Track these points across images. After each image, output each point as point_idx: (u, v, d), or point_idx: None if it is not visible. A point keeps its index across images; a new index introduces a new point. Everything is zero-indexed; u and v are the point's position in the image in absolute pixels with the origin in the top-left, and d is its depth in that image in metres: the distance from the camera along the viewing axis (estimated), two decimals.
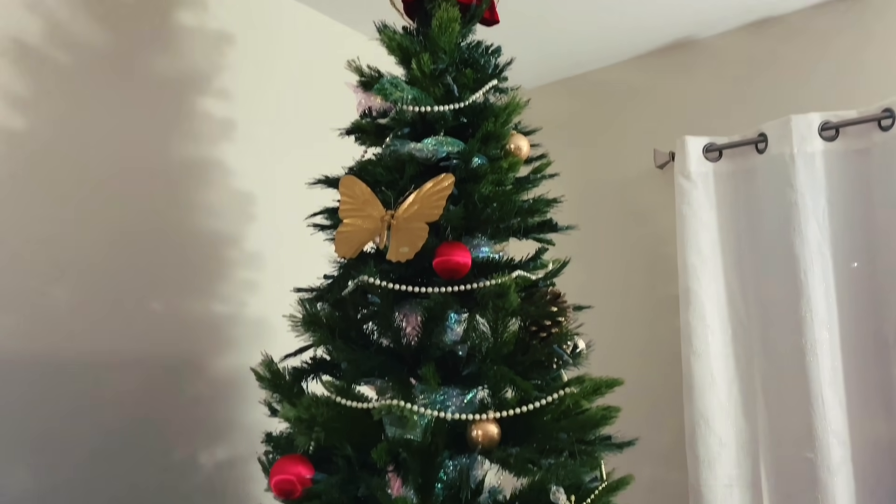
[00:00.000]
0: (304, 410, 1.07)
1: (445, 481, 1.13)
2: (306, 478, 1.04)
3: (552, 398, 1.11)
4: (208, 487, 1.59)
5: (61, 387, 1.40)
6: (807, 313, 1.79)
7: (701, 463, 1.85)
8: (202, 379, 1.61)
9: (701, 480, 1.85)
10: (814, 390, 1.75)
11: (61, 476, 1.38)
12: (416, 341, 1.18)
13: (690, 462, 1.88)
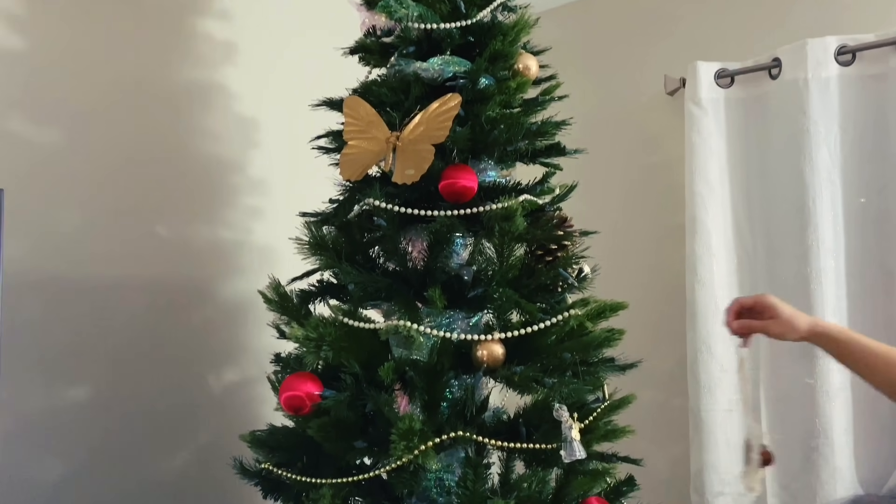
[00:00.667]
0: (313, 330, 1.08)
1: (451, 399, 1.16)
2: (315, 394, 1.07)
3: (557, 319, 1.12)
4: (218, 408, 1.63)
5: (71, 308, 1.42)
6: (813, 242, 1.79)
7: (702, 388, 1.88)
8: (210, 304, 1.63)
9: (701, 405, 1.89)
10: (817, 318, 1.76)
11: (72, 394, 1.42)
12: (421, 265, 1.19)
13: (691, 387, 1.91)
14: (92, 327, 1.45)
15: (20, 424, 1.33)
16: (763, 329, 1.11)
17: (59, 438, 1.39)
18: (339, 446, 1.10)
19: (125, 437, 1.48)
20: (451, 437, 1.04)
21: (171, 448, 1.56)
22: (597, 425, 1.15)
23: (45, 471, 1.37)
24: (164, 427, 1.54)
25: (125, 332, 1.49)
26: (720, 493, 1.86)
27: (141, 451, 1.50)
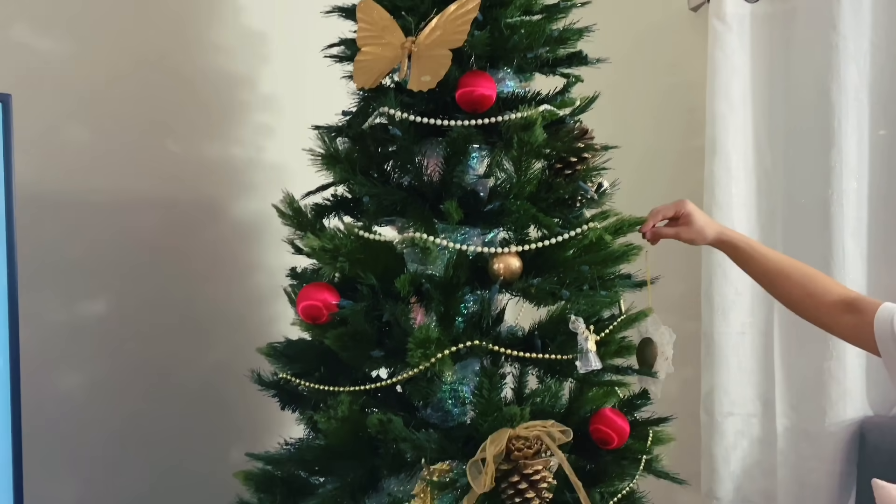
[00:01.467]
0: (328, 241, 1.07)
1: (466, 314, 1.16)
2: (332, 304, 1.06)
3: (576, 232, 1.10)
4: (234, 324, 1.65)
5: (85, 225, 1.42)
6: (836, 163, 1.74)
7: (715, 311, 1.88)
8: (223, 221, 1.62)
9: (714, 328, 1.89)
10: (836, 241, 1.74)
11: (89, 308, 1.44)
12: (437, 178, 1.16)
13: (705, 310, 1.91)
14: (107, 244, 1.45)
15: (41, 337, 1.35)
16: (675, 235, 1.21)
17: (79, 351, 1.42)
18: (356, 356, 1.11)
19: (142, 350, 1.51)
20: (467, 347, 1.04)
21: (189, 361, 1.59)
22: (612, 339, 1.15)
23: (67, 381, 1.40)
24: (181, 342, 1.56)
25: (140, 249, 1.49)
26: (730, 414, 1.88)
27: (158, 364, 1.53)
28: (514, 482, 0.99)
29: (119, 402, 1.47)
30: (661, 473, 1.22)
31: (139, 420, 1.49)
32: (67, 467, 1.41)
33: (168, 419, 1.54)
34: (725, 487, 1.88)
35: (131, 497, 1.48)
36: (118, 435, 1.47)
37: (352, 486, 1.09)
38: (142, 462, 1.50)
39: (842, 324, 1.09)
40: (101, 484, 1.45)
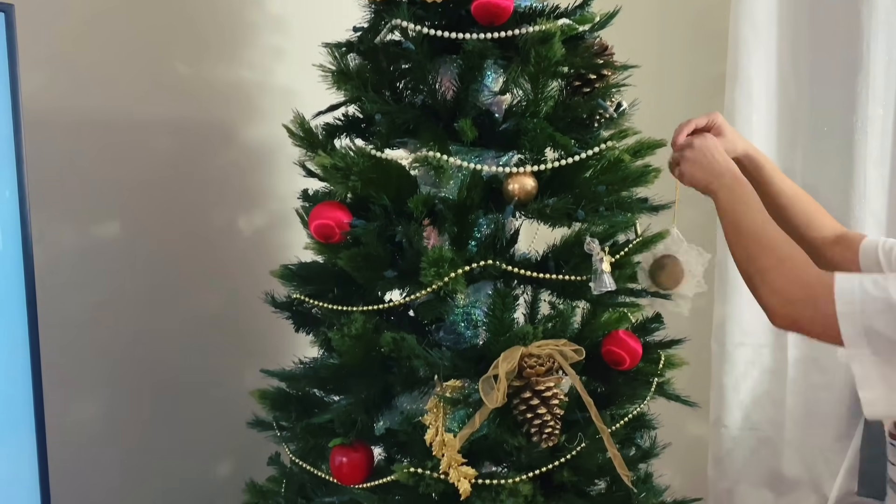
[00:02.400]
0: (340, 159, 1.05)
1: (480, 235, 1.15)
2: (345, 222, 1.06)
3: (593, 152, 1.08)
4: (246, 250, 1.66)
5: (94, 147, 1.40)
6: (863, 89, 1.69)
7: None
8: (234, 146, 1.61)
9: (728, 258, 1.85)
10: (857, 169, 1.70)
11: (100, 231, 1.44)
12: (451, 96, 1.13)
13: (720, 240, 1.89)
14: (117, 167, 1.44)
15: (52, 259, 1.35)
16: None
17: (87, 271, 1.42)
18: (369, 277, 1.10)
19: (151, 273, 1.51)
20: (480, 266, 1.03)
21: (200, 287, 1.60)
22: (627, 262, 1.14)
23: (78, 303, 1.41)
24: (191, 267, 1.57)
25: (150, 173, 1.48)
26: (741, 344, 1.88)
27: (168, 288, 1.54)
28: (525, 398, 1.00)
29: (130, 324, 1.48)
30: (671, 396, 1.23)
31: (150, 344, 1.52)
32: (84, 387, 1.44)
33: (180, 342, 1.56)
34: (734, 416, 1.90)
35: (144, 416, 1.52)
36: (129, 357, 1.49)
37: (365, 402, 1.11)
38: (155, 382, 1.53)
39: (831, 254, 1.09)
40: (114, 402, 1.48)
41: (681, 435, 1.78)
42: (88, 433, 1.44)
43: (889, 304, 0.81)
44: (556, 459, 1.06)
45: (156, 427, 1.54)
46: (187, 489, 1.59)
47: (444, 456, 1.02)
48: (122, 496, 1.48)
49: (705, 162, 1.05)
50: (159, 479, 1.55)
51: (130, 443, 1.49)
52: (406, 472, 1.01)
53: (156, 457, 1.54)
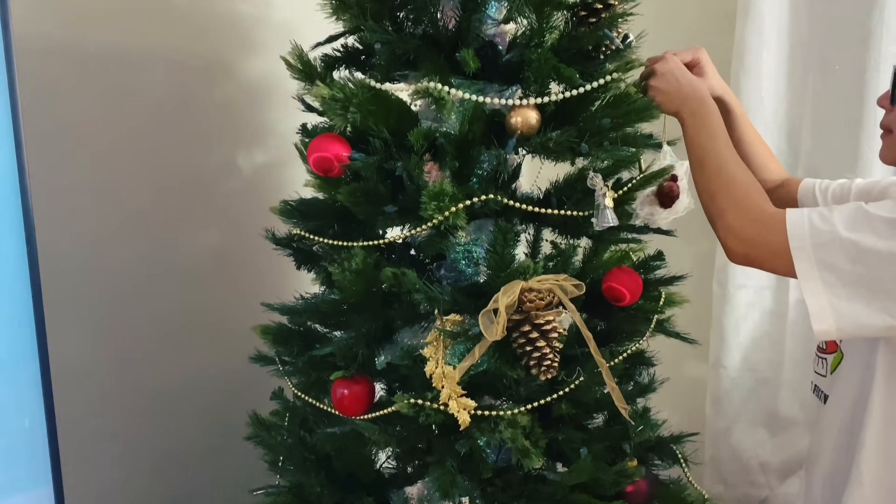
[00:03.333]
0: (339, 90, 1.03)
1: (482, 172, 1.13)
2: (344, 156, 1.04)
3: (598, 83, 1.05)
4: (246, 186, 1.64)
5: (90, 80, 1.38)
6: (878, 25, 1.65)
7: None
8: (232, 81, 1.58)
9: None
10: (868, 109, 1.67)
11: (99, 166, 1.42)
12: (453, 25, 1.10)
13: None
14: (112, 103, 1.42)
15: (52, 199, 1.34)
16: None
17: (80, 206, 1.41)
18: (370, 212, 1.09)
19: (151, 213, 1.51)
20: (481, 201, 1.02)
21: (197, 224, 1.59)
22: (630, 198, 1.12)
23: (77, 241, 1.41)
24: (188, 205, 1.56)
25: (146, 109, 1.46)
26: (743, 286, 1.89)
27: (168, 227, 1.54)
28: (525, 332, 1.00)
29: (129, 263, 1.49)
30: (671, 333, 1.24)
31: (151, 282, 1.52)
32: (85, 326, 1.45)
33: (180, 280, 1.57)
34: (733, 357, 1.92)
35: (145, 354, 1.53)
36: (129, 295, 1.50)
37: (366, 336, 1.11)
38: (156, 320, 1.54)
39: (775, 196, 1.15)
40: (115, 340, 1.49)
41: (679, 376, 1.80)
42: (90, 369, 1.45)
43: (835, 236, 0.86)
44: (554, 392, 1.07)
45: (158, 365, 1.56)
46: (189, 424, 1.62)
47: (443, 388, 1.03)
48: (124, 429, 1.51)
49: (670, 87, 1.05)
50: (161, 415, 1.57)
51: (132, 379, 1.51)
52: (406, 403, 1.03)
53: (158, 393, 1.56)
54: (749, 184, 0.98)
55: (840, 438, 1.00)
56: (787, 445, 1.89)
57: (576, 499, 1.07)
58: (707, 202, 1.01)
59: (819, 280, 0.87)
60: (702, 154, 1.02)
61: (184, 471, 1.62)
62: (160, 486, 1.57)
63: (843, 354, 1.03)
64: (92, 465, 1.44)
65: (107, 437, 1.48)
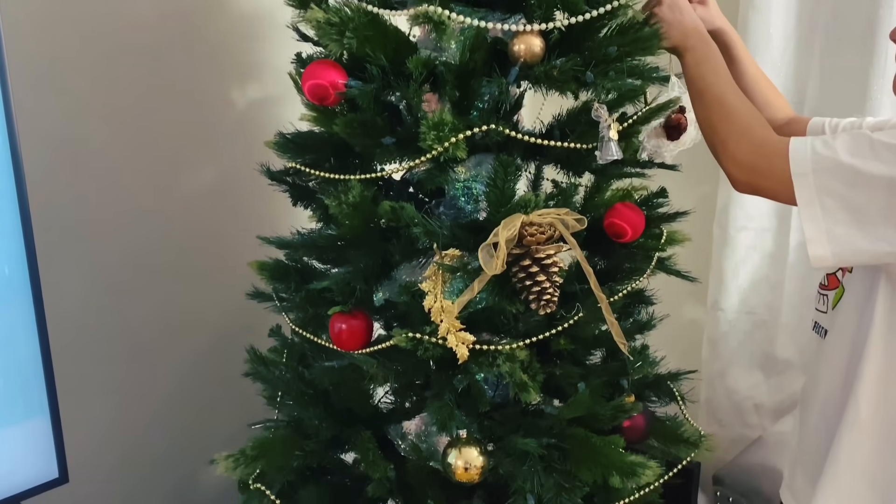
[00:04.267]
0: (334, 14, 0.99)
1: (482, 106, 1.10)
2: (339, 83, 1.01)
3: (604, 10, 1.01)
4: (240, 125, 1.61)
5: (77, 13, 1.33)
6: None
7: None
8: (224, 15, 1.53)
9: None
10: (878, 48, 1.63)
11: (89, 107, 1.39)
12: None
13: None
14: (102, 35, 1.37)
15: (43, 136, 1.31)
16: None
17: (72, 137, 1.38)
18: (366, 143, 1.07)
19: (146, 147, 1.47)
20: (482, 131, 0.99)
21: (195, 159, 1.56)
22: (636, 131, 1.10)
23: (65, 170, 1.38)
24: (186, 140, 1.53)
25: (137, 42, 1.41)
26: (743, 228, 1.87)
27: (164, 161, 1.51)
28: (525, 266, 0.98)
29: (123, 202, 1.46)
30: (672, 271, 1.22)
31: (146, 220, 1.50)
32: (82, 265, 1.43)
33: (176, 219, 1.55)
34: (731, 300, 1.91)
35: (142, 292, 1.53)
36: (125, 234, 1.48)
37: (364, 271, 1.10)
38: (152, 258, 1.53)
39: (783, 134, 1.11)
40: (109, 267, 1.48)
41: (676, 319, 1.80)
42: (87, 307, 1.45)
43: (837, 162, 0.85)
44: (553, 328, 1.07)
45: (154, 306, 1.55)
46: (188, 361, 1.63)
47: (442, 322, 1.02)
48: (121, 364, 1.51)
49: (673, 18, 1.03)
50: (159, 353, 1.58)
51: (127, 315, 1.51)
52: (405, 337, 1.02)
53: (155, 332, 1.56)
54: (750, 114, 0.97)
55: (838, 372, 1.00)
56: (782, 387, 1.90)
57: (573, 433, 1.08)
58: (709, 134, 1.00)
59: (818, 206, 0.86)
60: (702, 87, 1.01)
61: (181, 408, 1.63)
62: (159, 421, 1.59)
63: (844, 289, 1.02)
64: (89, 399, 1.45)
65: (103, 374, 1.49)
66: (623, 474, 1.02)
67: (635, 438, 1.14)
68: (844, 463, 0.98)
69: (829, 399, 1.03)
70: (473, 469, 1.08)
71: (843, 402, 0.98)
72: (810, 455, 1.07)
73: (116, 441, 1.51)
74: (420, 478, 1.14)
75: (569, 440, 1.07)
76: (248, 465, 1.09)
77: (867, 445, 0.96)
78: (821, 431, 1.05)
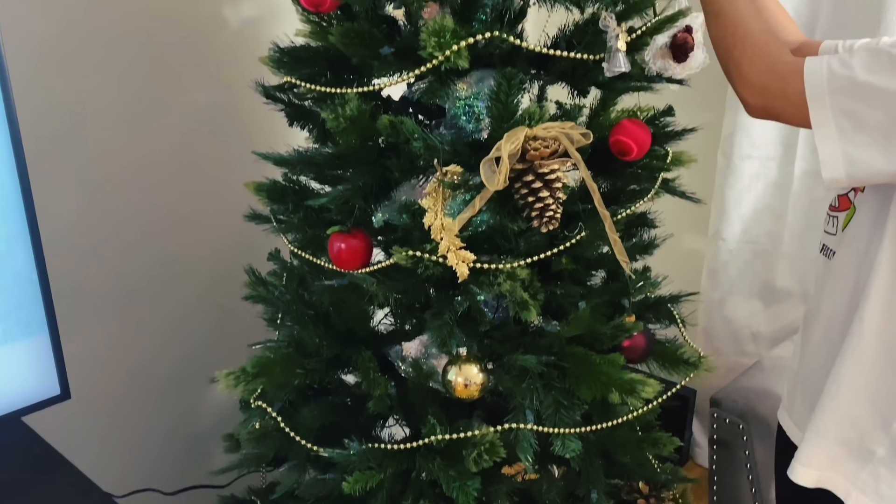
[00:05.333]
0: None
1: (485, 18, 1.06)
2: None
3: None
4: (232, 45, 1.56)
5: None
6: None
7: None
8: None
9: None
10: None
11: (74, 19, 1.33)
12: None
13: None
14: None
15: (31, 54, 1.26)
16: None
17: (69, 68, 1.34)
18: (364, 54, 1.03)
19: (140, 67, 1.43)
20: (486, 38, 0.95)
21: (190, 80, 1.52)
22: (644, 42, 1.06)
23: (62, 98, 1.34)
24: (178, 58, 1.49)
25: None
26: (748, 157, 1.85)
27: (157, 82, 1.47)
28: (528, 181, 0.96)
29: (117, 112, 1.43)
30: (677, 192, 1.20)
31: (138, 136, 1.47)
32: (76, 181, 1.41)
33: (170, 135, 1.51)
34: (732, 229, 1.90)
35: (136, 203, 1.51)
36: (118, 148, 1.45)
37: (363, 190, 1.07)
38: (147, 175, 1.50)
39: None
40: (106, 197, 1.46)
41: (677, 248, 1.79)
42: (84, 228, 1.43)
43: (853, 80, 0.82)
44: (555, 247, 1.05)
45: (152, 229, 1.54)
46: (186, 282, 1.62)
47: (442, 240, 1.00)
48: (116, 275, 1.50)
49: None
50: (158, 278, 1.57)
51: (123, 237, 1.49)
52: (404, 255, 1.00)
53: (150, 251, 1.54)
54: (765, 36, 0.93)
55: (844, 291, 1.00)
56: (780, 316, 1.91)
57: (573, 351, 1.08)
58: (723, 56, 0.96)
59: (833, 126, 0.84)
60: (717, 8, 0.96)
61: (182, 332, 1.63)
62: (160, 344, 1.60)
63: (855, 209, 1.01)
64: (89, 321, 1.45)
65: (102, 296, 1.48)
66: (622, 391, 1.02)
67: (635, 358, 1.14)
68: (846, 381, 0.98)
69: (833, 318, 1.02)
70: (473, 386, 1.08)
71: (847, 321, 0.98)
72: (811, 376, 1.08)
73: (119, 362, 1.52)
74: (420, 395, 1.14)
75: (568, 359, 1.07)
76: (249, 382, 1.09)
77: (870, 363, 0.96)
78: (823, 352, 1.05)
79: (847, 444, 0.99)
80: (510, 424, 1.07)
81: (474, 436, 1.05)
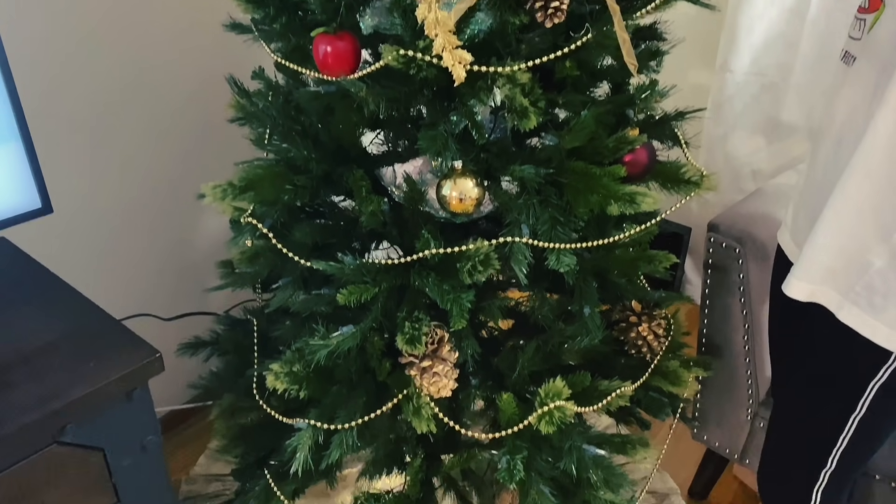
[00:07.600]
0: None
1: None
2: None
3: None
4: None
5: None
6: None
7: None
8: None
9: None
10: None
11: None
12: None
13: None
14: None
15: None
16: None
17: None
18: None
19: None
20: None
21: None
22: None
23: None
24: None
25: None
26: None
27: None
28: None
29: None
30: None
31: None
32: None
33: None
34: (742, 60, 1.81)
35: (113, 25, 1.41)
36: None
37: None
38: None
39: None
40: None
41: (681, 83, 1.71)
42: (58, 49, 1.34)
43: None
44: (559, 49, 0.98)
45: (130, 47, 1.44)
46: (169, 103, 1.55)
47: (437, 37, 0.92)
48: (87, 86, 1.43)
49: None
50: (136, 94, 1.49)
51: (104, 59, 1.40)
52: (396, 55, 0.93)
53: (131, 74, 1.46)
54: None
55: (862, 98, 0.94)
56: (782, 153, 1.87)
57: (573, 166, 1.04)
58: None
59: None
60: None
61: (163, 151, 1.58)
62: (139, 161, 1.56)
63: (885, 6, 0.93)
64: (66, 135, 1.40)
65: (79, 112, 1.42)
66: (621, 202, 0.99)
67: (636, 173, 1.10)
68: (852, 192, 0.95)
69: (846, 127, 0.98)
70: (468, 200, 1.05)
71: (860, 129, 0.93)
72: (816, 192, 1.05)
73: (100, 178, 1.49)
74: (414, 214, 1.11)
75: (567, 173, 1.03)
76: (237, 196, 1.05)
77: (878, 172, 0.92)
78: (831, 165, 1.01)
79: (845, 255, 0.98)
80: (505, 238, 1.05)
81: (468, 249, 1.03)
